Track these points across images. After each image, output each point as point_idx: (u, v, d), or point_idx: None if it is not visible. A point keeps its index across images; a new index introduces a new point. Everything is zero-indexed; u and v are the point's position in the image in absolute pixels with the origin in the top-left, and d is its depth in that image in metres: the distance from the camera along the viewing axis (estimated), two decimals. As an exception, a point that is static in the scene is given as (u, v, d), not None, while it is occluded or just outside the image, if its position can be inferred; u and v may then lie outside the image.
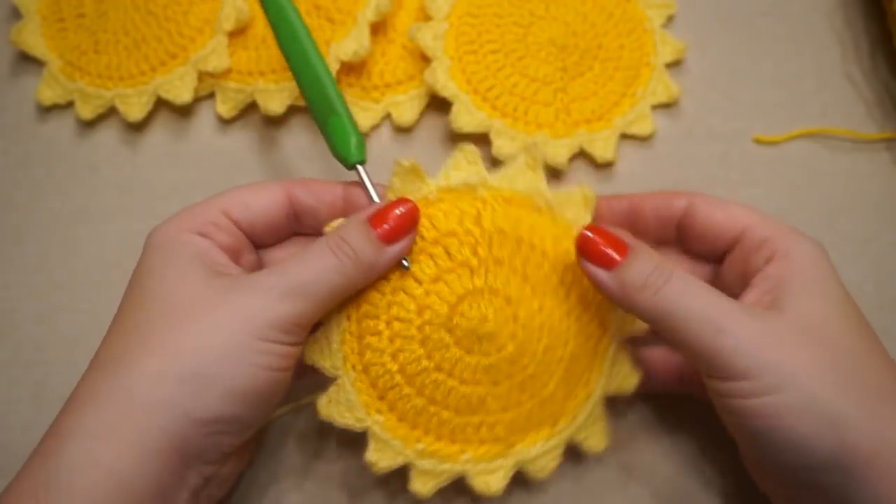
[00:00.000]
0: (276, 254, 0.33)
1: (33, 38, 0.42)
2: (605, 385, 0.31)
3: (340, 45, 0.40)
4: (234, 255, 0.31)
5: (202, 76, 0.41)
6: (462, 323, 0.29)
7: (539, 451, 0.31)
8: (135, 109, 0.41)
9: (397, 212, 0.29)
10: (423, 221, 0.30)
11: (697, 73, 0.44)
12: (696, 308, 0.27)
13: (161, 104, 0.42)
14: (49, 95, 0.42)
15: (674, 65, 0.43)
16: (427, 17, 0.41)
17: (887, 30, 0.44)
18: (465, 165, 0.31)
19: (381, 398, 0.30)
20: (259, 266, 0.33)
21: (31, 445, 0.27)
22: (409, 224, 0.30)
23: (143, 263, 0.30)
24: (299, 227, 0.33)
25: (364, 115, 0.42)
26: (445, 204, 0.30)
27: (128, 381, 0.27)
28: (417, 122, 0.42)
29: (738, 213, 0.31)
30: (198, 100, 0.42)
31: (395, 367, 0.30)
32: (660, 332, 0.28)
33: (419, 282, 0.30)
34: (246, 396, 0.27)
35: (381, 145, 0.42)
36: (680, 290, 0.27)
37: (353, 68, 0.41)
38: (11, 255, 0.39)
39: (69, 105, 0.42)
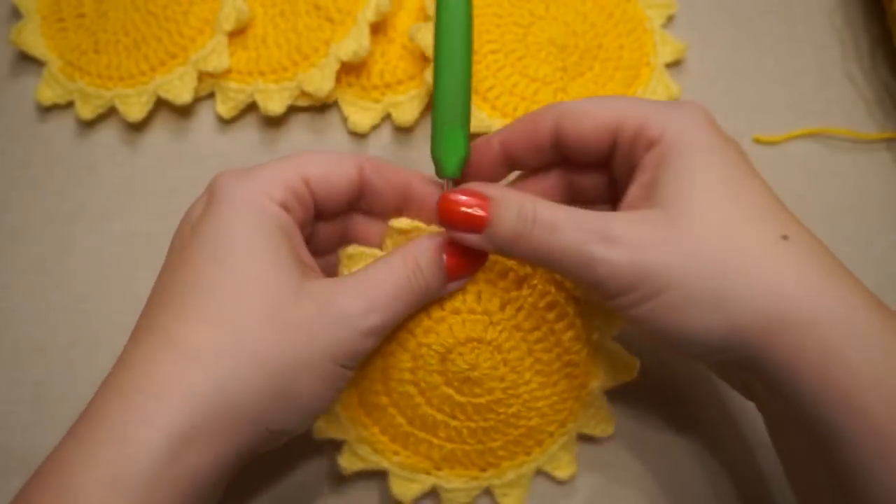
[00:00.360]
0: (324, 228, 0.32)
1: (33, 38, 0.42)
2: (543, 462, 0.33)
3: (340, 45, 0.40)
4: (302, 230, 0.30)
5: (202, 76, 0.41)
6: (457, 360, 0.30)
7: (457, 485, 0.32)
8: (135, 109, 0.41)
9: (473, 252, 0.29)
10: None
11: (697, 73, 0.44)
12: (564, 245, 0.27)
13: (161, 104, 0.42)
14: (49, 95, 0.42)
15: (674, 65, 0.43)
16: (427, 17, 0.41)
17: (887, 29, 0.44)
18: None
19: (353, 384, 0.31)
20: (308, 241, 0.31)
21: (30, 445, 0.27)
22: (478, 268, 0.30)
23: (220, 225, 0.27)
24: (357, 203, 0.32)
25: (364, 115, 0.41)
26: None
27: (223, 385, 0.25)
28: (417, 122, 0.42)
29: (605, 113, 0.29)
30: (198, 100, 0.42)
31: (378, 364, 0.30)
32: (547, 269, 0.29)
33: (441, 307, 0.30)
34: (313, 415, 0.28)
35: (381, 145, 0.42)
36: (546, 231, 0.27)
37: (353, 68, 0.41)
38: (10, 255, 0.39)
39: (69, 105, 0.42)
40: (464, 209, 0.28)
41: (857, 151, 0.42)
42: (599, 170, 0.32)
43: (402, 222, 0.30)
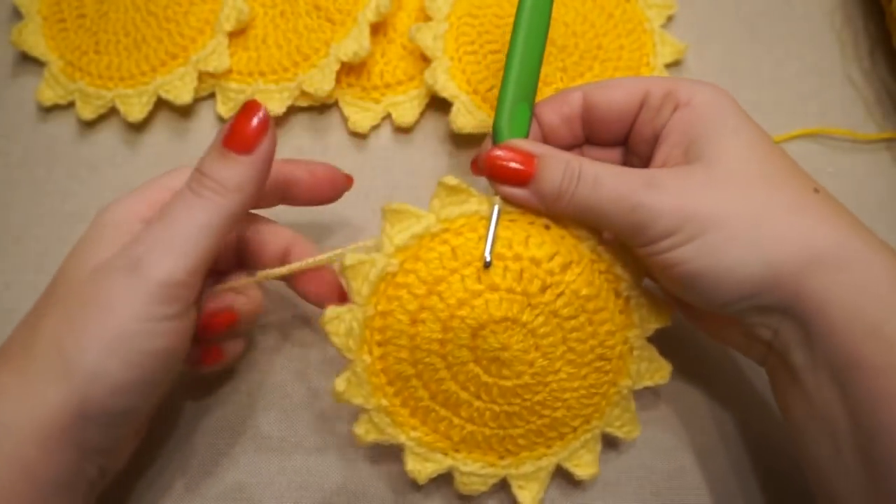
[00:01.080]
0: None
1: (34, 39, 0.43)
2: (563, 458, 0.32)
3: (340, 45, 0.40)
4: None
5: (202, 76, 0.41)
6: (489, 338, 0.29)
7: (473, 469, 0.32)
8: (135, 110, 0.41)
9: (251, 118, 0.28)
10: (520, 236, 0.30)
11: (697, 73, 0.44)
12: (608, 196, 0.28)
13: (161, 104, 0.42)
14: (50, 96, 0.42)
15: (674, 65, 0.43)
16: (427, 18, 0.41)
17: (886, 29, 0.44)
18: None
19: (380, 344, 0.30)
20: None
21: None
22: (261, 128, 0.29)
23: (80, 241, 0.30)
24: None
25: (364, 115, 0.42)
26: (551, 235, 0.30)
27: (31, 379, 0.27)
28: (417, 122, 0.42)
29: (634, 84, 0.32)
30: (198, 100, 0.42)
31: (408, 331, 0.30)
32: (589, 224, 0.30)
33: (479, 280, 0.29)
34: (135, 387, 0.27)
35: (381, 145, 0.42)
36: (590, 187, 0.29)
37: (353, 68, 0.42)
38: (11, 255, 0.39)
39: (70, 105, 0.42)
40: (512, 164, 0.29)
41: (857, 151, 0.42)
42: (615, 147, 0.34)
43: (451, 179, 0.30)
